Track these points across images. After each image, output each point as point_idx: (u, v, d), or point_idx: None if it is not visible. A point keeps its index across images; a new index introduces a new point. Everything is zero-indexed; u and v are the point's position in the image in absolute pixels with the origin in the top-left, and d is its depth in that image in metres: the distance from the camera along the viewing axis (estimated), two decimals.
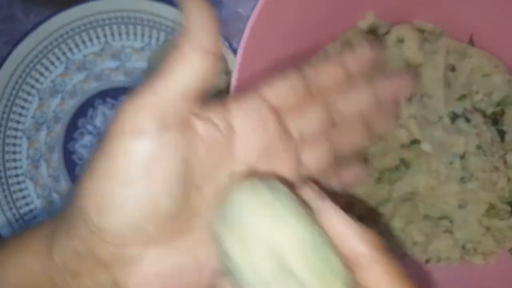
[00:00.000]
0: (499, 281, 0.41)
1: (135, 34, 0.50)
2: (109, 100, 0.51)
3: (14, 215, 0.50)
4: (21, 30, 0.53)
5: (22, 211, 0.50)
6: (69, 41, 0.50)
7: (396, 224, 0.42)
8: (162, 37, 0.49)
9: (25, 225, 0.50)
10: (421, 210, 0.42)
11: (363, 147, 0.33)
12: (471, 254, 0.41)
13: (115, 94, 0.51)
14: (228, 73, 0.47)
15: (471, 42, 0.44)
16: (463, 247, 0.41)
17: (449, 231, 0.41)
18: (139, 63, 0.50)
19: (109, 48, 0.50)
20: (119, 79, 0.51)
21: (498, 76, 0.43)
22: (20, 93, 0.51)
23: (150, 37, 0.50)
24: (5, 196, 0.50)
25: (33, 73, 0.50)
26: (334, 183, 0.31)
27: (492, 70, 0.43)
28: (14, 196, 0.50)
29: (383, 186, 0.42)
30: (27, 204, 0.50)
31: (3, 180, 0.50)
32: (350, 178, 0.33)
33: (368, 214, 0.42)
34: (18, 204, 0.50)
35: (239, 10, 0.51)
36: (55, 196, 0.50)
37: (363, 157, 0.39)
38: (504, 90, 0.43)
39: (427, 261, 0.42)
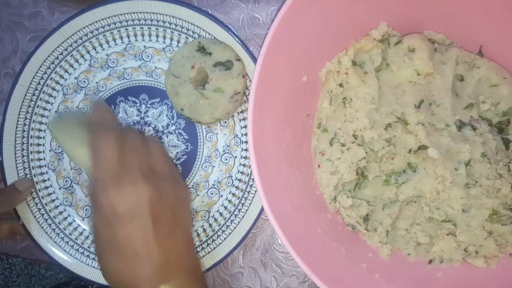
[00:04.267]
0: (500, 284, 0.41)
1: (157, 35, 0.52)
2: (130, 97, 0.52)
3: (36, 204, 0.52)
4: (46, 27, 0.55)
5: (44, 201, 0.53)
6: (93, 40, 0.52)
7: (401, 225, 0.44)
8: (182, 39, 0.51)
9: (47, 215, 0.52)
10: (426, 212, 0.43)
11: None
12: (473, 257, 0.42)
13: (137, 92, 0.52)
14: (244, 75, 0.48)
15: (480, 53, 0.45)
16: (466, 249, 0.43)
17: (452, 234, 0.43)
18: (160, 63, 0.52)
19: (131, 48, 0.52)
20: (140, 78, 0.52)
21: (505, 87, 0.44)
22: (45, 88, 0.53)
23: (171, 38, 0.52)
24: None
25: (58, 69, 0.53)
26: None
27: (500, 81, 0.44)
28: (37, 186, 0.53)
29: (390, 188, 0.44)
30: (49, 195, 0.53)
31: (27, 170, 0.53)
32: None
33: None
34: (40, 194, 0.53)
35: (256, 15, 0.53)
36: (76, 187, 0.53)
37: None
38: (510, 100, 0.44)
39: (430, 261, 0.43)
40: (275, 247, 0.52)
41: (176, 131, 0.52)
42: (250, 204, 0.50)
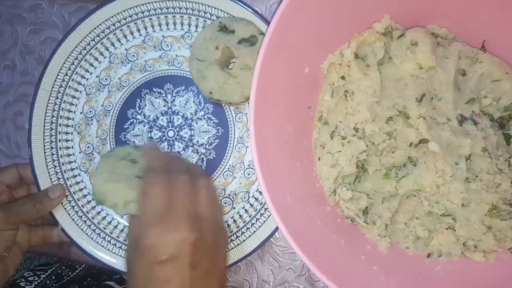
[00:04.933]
0: (498, 279, 0.42)
1: (174, 23, 0.51)
2: (155, 89, 0.52)
3: (73, 207, 0.51)
4: (45, 20, 0.55)
5: (80, 203, 0.52)
6: (111, 36, 0.51)
7: (401, 219, 0.44)
8: (200, 23, 0.50)
9: (85, 216, 0.52)
10: (425, 206, 0.43)
11: None
12: (472, 251, 0.42)
13: (161, 83, 0.52)
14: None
15: (483, 48, 0.45)
16: (464, 244, 0.43)
17: (452, 228, 0.43)
18: (181, 51, 0.51)
19: (150, 39, 0.51)
20: (162, 68, 0.51)
21: (508, 82, 0.44)
22: (68, 90, 0.52)
23: (189, 24, 0.50)
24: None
25: (78, 70, 0.52)
26: None
27: (502, 76, 0.44)
28: (72, 189, 0.52)
29: (390, 182, 0.44)
30: (84, 196, 0.52)
31: (59, 175, 0.52)
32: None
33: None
34: (76, 196, 0.52)
35: (255, 8, 0.52)
36: None
37: None
38: None
39: (429, 255, 0.43)
40: (272, 241, 0.52)
41: (205, 116, 0.52)
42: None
